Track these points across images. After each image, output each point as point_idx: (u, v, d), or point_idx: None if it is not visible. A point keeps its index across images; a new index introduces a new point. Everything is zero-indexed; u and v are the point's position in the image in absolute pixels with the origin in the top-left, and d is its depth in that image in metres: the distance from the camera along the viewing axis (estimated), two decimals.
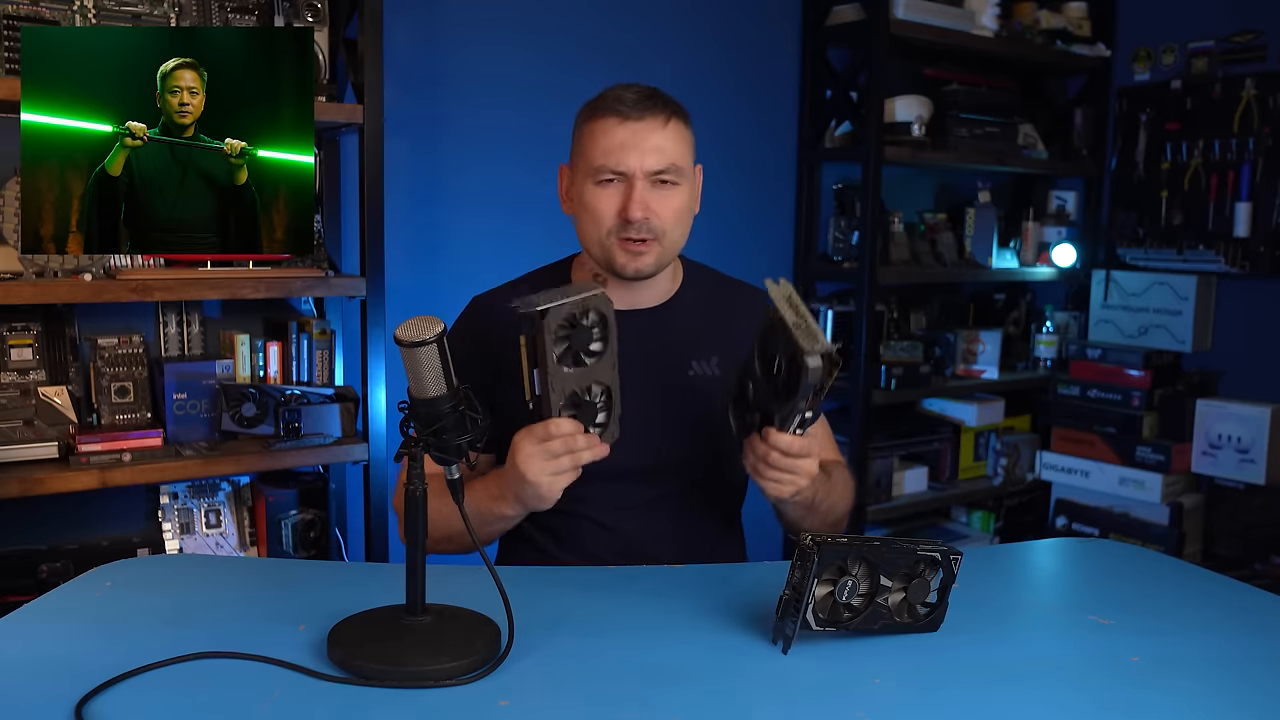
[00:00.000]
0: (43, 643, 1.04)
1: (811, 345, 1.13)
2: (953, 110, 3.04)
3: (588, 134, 1.38)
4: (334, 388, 2.22)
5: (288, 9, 2.09)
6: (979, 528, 3.41)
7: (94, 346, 2.08)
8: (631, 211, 1.34)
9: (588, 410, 1.22)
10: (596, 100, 1.39)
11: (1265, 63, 3.02)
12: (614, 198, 1.36)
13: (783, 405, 1.19)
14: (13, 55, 1.85)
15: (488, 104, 2.54)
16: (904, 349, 3.05)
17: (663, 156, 1.35)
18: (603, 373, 1.22)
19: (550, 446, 1.20)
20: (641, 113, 1.35)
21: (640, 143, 1.34)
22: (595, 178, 1.36)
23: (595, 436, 1.22)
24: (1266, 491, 2.97)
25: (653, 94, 1.38)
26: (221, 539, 2.17)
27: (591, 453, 1.22)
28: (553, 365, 1.17)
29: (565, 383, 1.19)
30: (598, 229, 1.38)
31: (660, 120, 1.36)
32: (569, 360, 1.19)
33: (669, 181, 1.37)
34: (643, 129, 1.35)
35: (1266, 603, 1.26)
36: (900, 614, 1.09)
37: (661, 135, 1.35)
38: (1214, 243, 3.14)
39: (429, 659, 0.97)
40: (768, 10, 2.98)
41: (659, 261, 1.39)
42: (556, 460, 1.21)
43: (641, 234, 1.36)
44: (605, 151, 1.35)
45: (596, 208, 1.37)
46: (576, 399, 1.21)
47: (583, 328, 1.19)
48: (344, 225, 2.32)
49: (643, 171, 1.35)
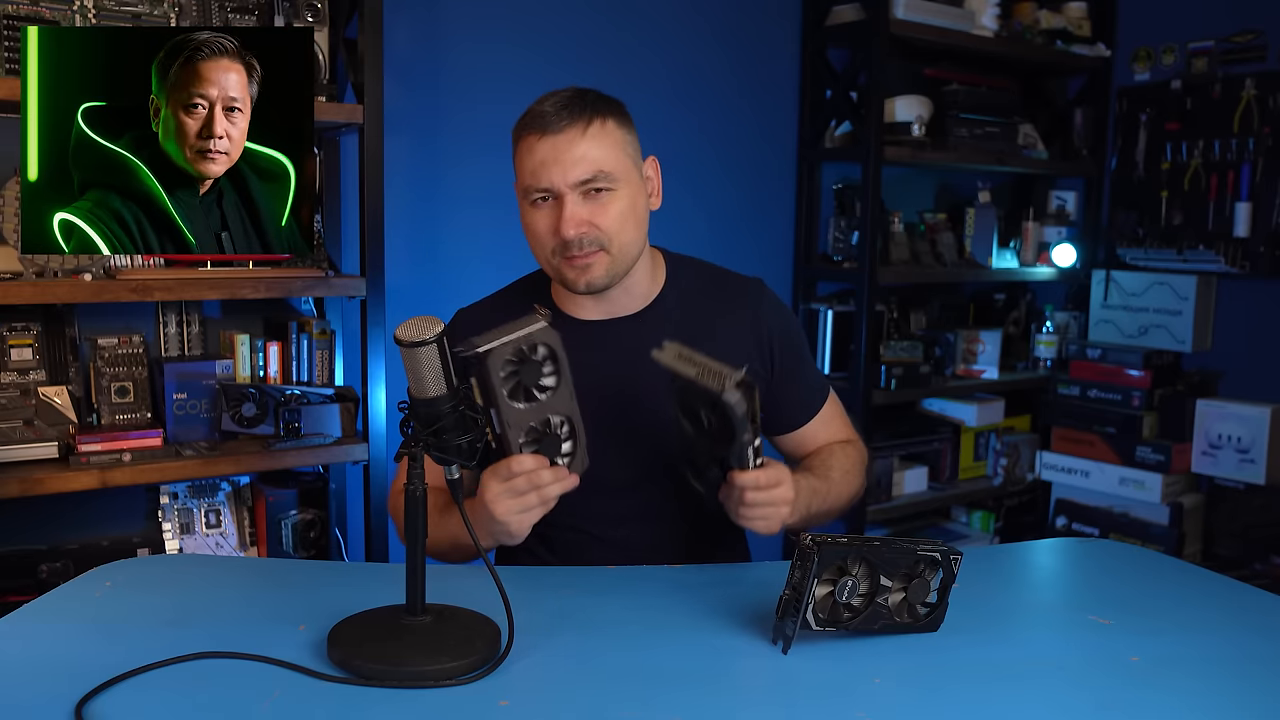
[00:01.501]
0: (43, 643, 1.04)
1: (721, 385, 1.13)
2: (953, 110, 3.04)
3: (517, 154, 1.34)
4: (334, 388, 2.22)
5: (288, 9, 2.09)
6: (979, 528, 3.41)
7: (94, 346, 2.08)
8: (564, 230, 1.29)
9: (551, 443, 1.19)
10: (522, 115, 1.34)
11: (1265, 63, 3.02)
12: (548, 217, 1.32)
13: (730, 448, 1.19)
14: (13, 55, 1.85)
15: (488, 103, 2.54)
16: (904, 349, 3.05)
17: (587, 165, 1.29)
18: (560, 404, 1.19)
19: (514, 485, 1.17)
20: (559, 124, 1.29)
21: (561, 156, 1.28)
22: (528, 198, 1.33)
23: (563, 469, 1.19)
24: (1266, 491, 2.97)
25: (573, 99, 1.31)
26: (221, 539, 2.17)
27: (559, 485, 1.19)
28: (505, 403, 1.15)
29: (522, 419, 1.17)
30: (541, 250, 1.35)
31: (579, 128, 1.29)
32: (521, 397, 1.16)
33: (603, 188, 1.31)
34: (562, 141, 1.29)
35: (1266, 603, 1.26)
36: (900, 614, 1.09)
37: (585, 143, 1.29)
38: (1214, 243, 3.13)
39: (429, 659, 0.97)
40: (768, 10, 2.98)
41: (611, 270, 1.34)
42: (522, 498, 1.18)
43: (584, 248, 1.31)
44: (530, 171, 1.31)
45: (534, 228, 1.34)
46: (538, 433, 1.18)
47: (531, 362, 1.16)
48: (344, 225, 2.32)
49: (569, 185, 1.29)
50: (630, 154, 1.36)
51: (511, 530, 1.20)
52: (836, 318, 2.99)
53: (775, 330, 1.46)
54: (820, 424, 1.52)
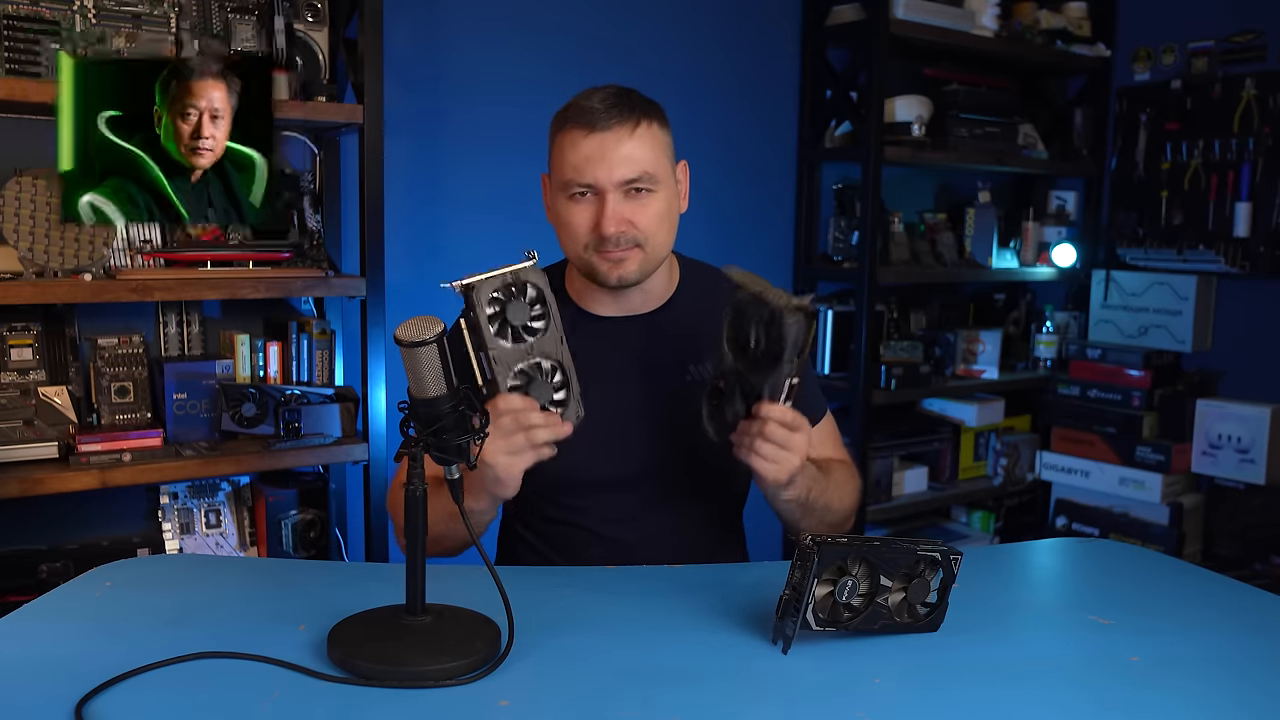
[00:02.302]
0: (43, 643, 1.04)
1: (788, 303, 1.14)
2: (953, 110, 3.04)
3: (558, 146, 1.34)
4: (334, 388, 2.22)
5: (288, 9, 2.09)
6: (979, 528, 3.41)
7: (94, 346, 2.08)
8: (605, 227, 1.31)
9: (541, 388, 1.19)
10: (566, 108, 1.34)
11: (1265, 63, 3.02)
12: (587, 211, 1.33)
13: (769, 374, 1.18)
14: (13, 55, 1.85)
15: (488, 103, 2.54)
16: (904, 349, 3.05)
17: (633, 165, 1.31)
18: (549, 346, 1.19)
19: (501, 424, 1.15)
20: (608, 122, 1.30)
21: (608, 154, 1.30)
22: (567, 191, 1.33)
23: (554, 415, 1.19)
24: (1266, 491, 2.97)
25: (620, 98, 1.32)
26: (221, 539, 2.17)
27: (549, 431, 1.17)
28: (491, 339, 1.16)
29: (509, 358, 1.17)
30: (575, 243, 1.36)
31: (629, 127, 1.31)
32: (508, 335, 1.17)
33: (644, 189, 1.33)
34: (610, 139, 1.30)
35: (1266, 603, 1.26)
36: (900, 614, 1.09)
37: (631, 143, 1.31)
38: (1214, 243, 3.14)
39: (429, 659, 0.97)
40: (768, 10, 2.98)
41: (643, 268, 1.36)
42: (510, 439, 1.16)
43: (621, 245, 1.33)
44: (574, 166, 1.31)
45: (571, 222, 1.34)
46: (526, 376, 1.18)
47: (518, 301, 1.17)
48: (344, 225, 2.32)
49: (613, 183, 1.31)
50: (669, 156, 1.38)
51: (499, 475, 1.19)
52: (836, 318, 2.99)
53: None
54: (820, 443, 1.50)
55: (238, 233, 2.15)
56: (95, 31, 1.92)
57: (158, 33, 1.97)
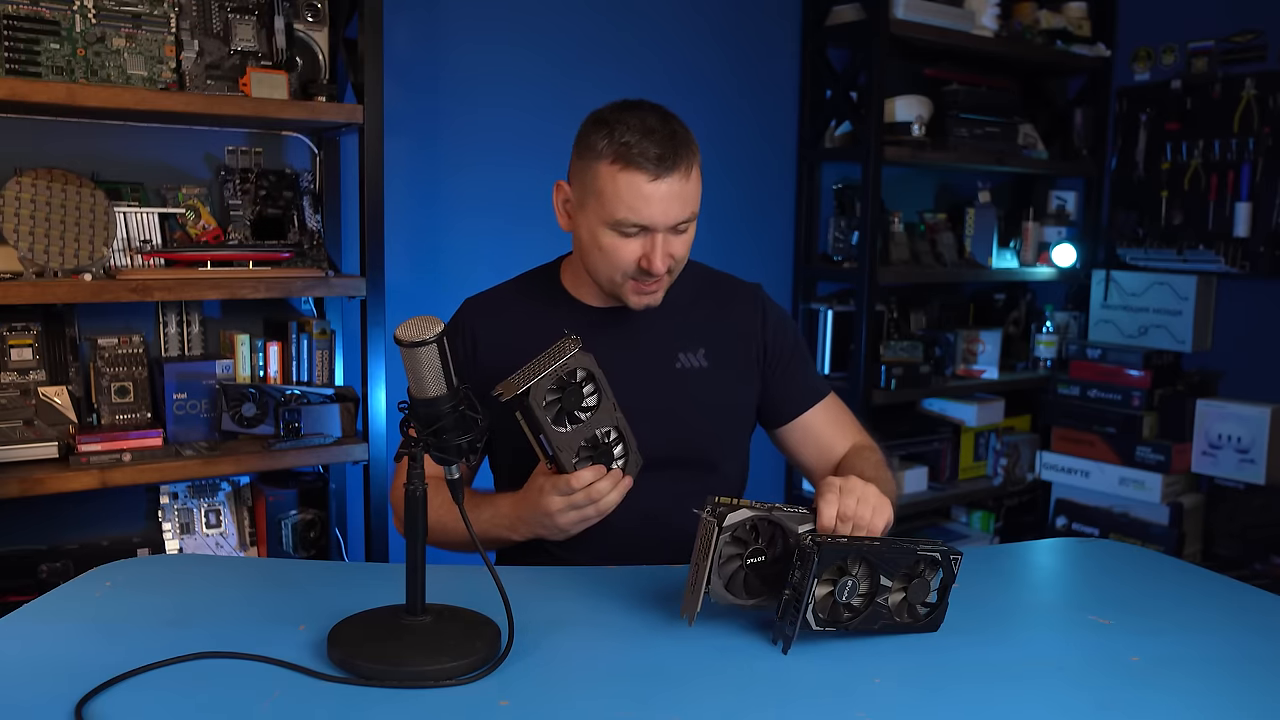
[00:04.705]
0: (43, 643, 1.04)
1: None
2: (953, 110, 3.04)
3: (609, 179, 1.32)
4: (334, 388, 2.22)
5: (288, 9, 2.09)
6: (979, 528, 3.41)
7: (94, 346, 2.08)
8: (656, 265, 1.34)
9: (603, 453, 1.26)
10: (618, 145, 1.31)
11: (1265, 63, 3.02)
12: (634, 246, 1.34)
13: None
14: (13, 55, 1.85)
15: (488, 103, 2.54)
16: (904, 349, 3.05)
17: (686, 207, 1.34)
18: (604, 419, 1.25)
19: (574, 500, 1.25)
20: (670, 169, 1.31)
21: (668, 201, 1.32)
22: (617, 227, 1.34)
23: (618, 473, 1.27)
24: (1266, 491, 2.97)
25: (674, 141, 1.33)
26: (221, 539, 2.17)
27: (617, 492, 1.27)
28: (552, 431, 1.21)
29: (570, 441, 1.23)
30: (612, 270, 1.37)
31: (683, 173, 1.33)
32: (565, 422, 1.22)
33: (686, 224, 1.37)
34: (674, 186, 1.32)
35: (1266, 603, 1.26)
36: (900, 614, 1.09)
37: (687, 187, 1.34)
38: (1214, 243, 3.14)
39: (429, 659, 0.97)
40: (768, 10, 2.98)
41: (665, 291, 1.41)
42: (583, 511, 1.27)
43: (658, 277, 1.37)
44: (631, 207, 1.32)
45: (616, 253, 1.35)
46: (589, 450, 1.25)
47: (572, 387, 1.22)
48: (344, 225, 2.32)
49: (668, 225, 1.34)
50: None
51: (570, 534, 1.31)
52: (836, 318, 2.99)
53: (772, 331, 1.51)
54: (827, 423, 1.54)
55: (238, 233, 2.15)
56: (95, 31, 1.92)
57: (158, 33, 1.97)
